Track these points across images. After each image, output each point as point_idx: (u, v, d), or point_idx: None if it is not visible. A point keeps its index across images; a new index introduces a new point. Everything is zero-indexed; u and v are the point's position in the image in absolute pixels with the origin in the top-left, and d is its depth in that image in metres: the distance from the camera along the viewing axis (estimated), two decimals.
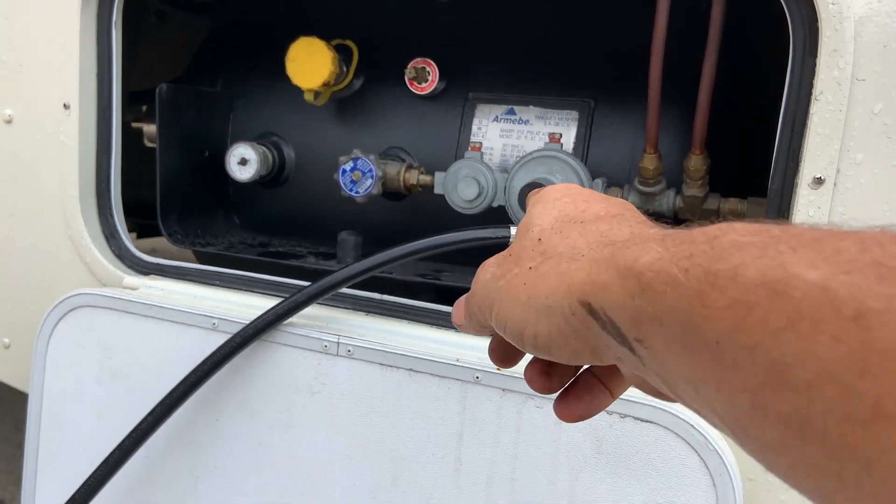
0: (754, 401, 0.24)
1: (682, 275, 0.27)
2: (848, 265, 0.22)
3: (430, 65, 1.06)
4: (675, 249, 0.28)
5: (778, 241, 0.25)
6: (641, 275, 0.29)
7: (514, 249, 0.39)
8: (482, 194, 0.97)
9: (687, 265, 0.27)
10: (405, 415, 0.79)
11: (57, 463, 0.96)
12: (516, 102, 1.06)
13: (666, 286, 0.27)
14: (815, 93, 0.69)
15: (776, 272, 0.24)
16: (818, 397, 0.22)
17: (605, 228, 0.35)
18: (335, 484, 0.83)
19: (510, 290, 0.37)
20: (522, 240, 0.39)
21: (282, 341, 0.84)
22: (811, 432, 0.22)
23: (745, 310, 0.24)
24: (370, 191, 1.02)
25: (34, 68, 1.02)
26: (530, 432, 0.74)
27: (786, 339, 0.23)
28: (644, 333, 0.29)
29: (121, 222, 1.04)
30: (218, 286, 0.96)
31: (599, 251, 0.33)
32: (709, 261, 0.26)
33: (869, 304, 0.21)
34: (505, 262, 0.39)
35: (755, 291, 0.24)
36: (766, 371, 0.23)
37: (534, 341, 0.35)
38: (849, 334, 0.21)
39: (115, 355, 0.92)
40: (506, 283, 0.37)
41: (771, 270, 0.24)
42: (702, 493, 0.68)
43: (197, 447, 0.89)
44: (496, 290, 0.38)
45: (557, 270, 0.34)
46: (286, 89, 1.11)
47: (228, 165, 1.12)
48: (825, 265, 0.23)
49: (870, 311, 0.21)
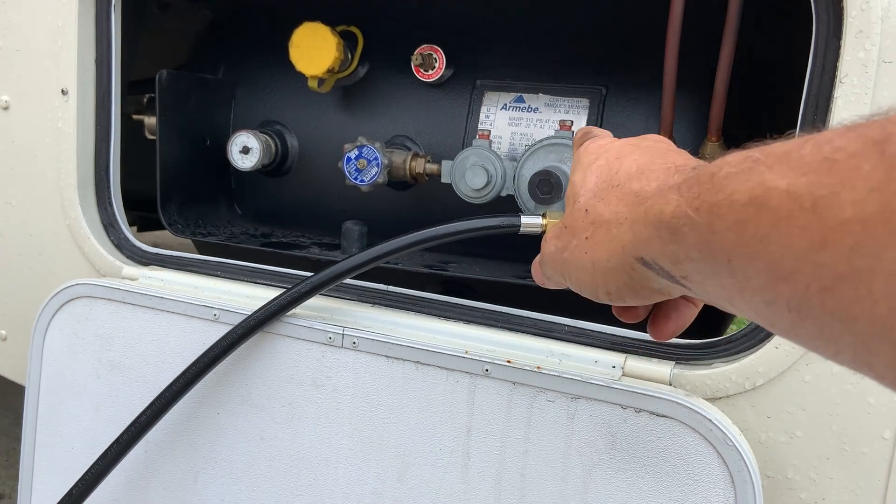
0: (766, 299, 0.29)
1: (695, 213, 0.33)
2: (807, 167, 0.27)
3: (437, 51, 1.03)
4: (688, 194, 0.34)
5: (758, 163, 0.30)
6: (669, 224, 0.35)
7: (567, 221, 0.46)
8: (491, 183, 0.95)
9: (697, 204, 0.33)
10: (412, 408, 0.77)
11: (54, 457, 0.94)
12: (525, 90, 1.04)
13: (686, 227, 0.34)
14: (840, 76, 0.66)
15: (758, 190, 0.29)
16: (800, 280, 0.27)
17: (636, 188, 0.40)
18: (339, 479, 0.80)
19: (575, 261, 0.44)
20: (572, 211, 0.45)
21: (285, 333, 0.82)
22: (806, 309, 0.27)
23: (741, 227, 0.29)
24: (376, 179, 1.00)
25: (31, 53, 1.00)
26: (541, 427, 0.72)
27: (772, 241, 0.28)
28: (684, 271, 0.35)
29: (120, 211, 1.02)
30: (219, 277, 0.94)
31: (637, 210, 0.39)
32: (711, 195, 0.32)
33: (819, 194, 0.26)
34: (563, 234, 0.46)
35: (745, 210, 0.29)
36: (765, 272, 0.29)
37: (608, 297, 0.43)
38: (810, 222, 0.26)
39: (113, 347, 0.90)
40: (569, 254, 0.45)
41: (755, 189, 0.29)
42: (720, 490, 0.66)
43: (197, 441, 0.87)
44: (563, 263, 0.46)
45: (609, 236, 0.41)
46: (290, 77, 1.08)
47: (230, 154, 1.09)
48: (792, 173, 0.28)
49: (821, 199, 0.26)
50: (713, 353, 0.73)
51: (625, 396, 0.69)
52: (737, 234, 0.30)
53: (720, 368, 0.71)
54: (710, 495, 0.66)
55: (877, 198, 0.24)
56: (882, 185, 0.24)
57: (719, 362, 0.72)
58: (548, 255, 0.48)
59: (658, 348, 0.74)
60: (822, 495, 0.69)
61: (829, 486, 0.69)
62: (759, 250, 0.28)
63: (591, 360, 0.74)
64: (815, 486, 0.69)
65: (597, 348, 0.75)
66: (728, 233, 0.30)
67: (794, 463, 0.70)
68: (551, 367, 0.72)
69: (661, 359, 0.73)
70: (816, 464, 0.69)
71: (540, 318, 0.79)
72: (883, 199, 0.23)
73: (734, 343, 0.72)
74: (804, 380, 0.68)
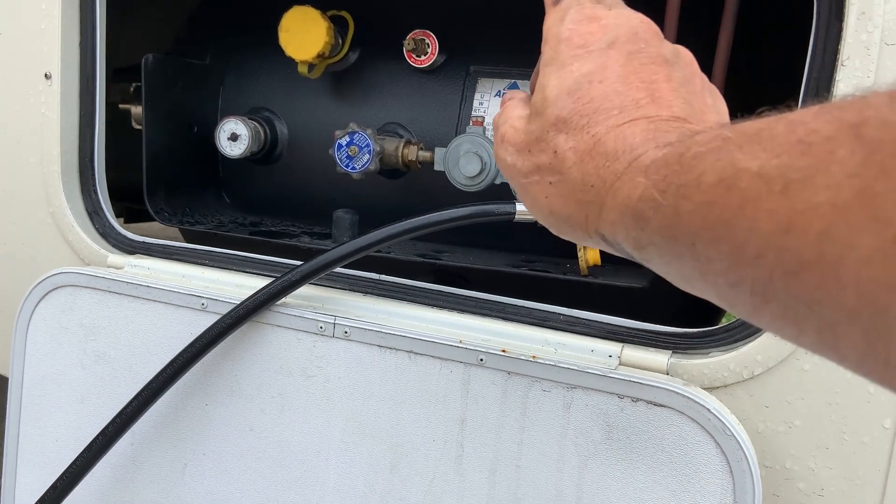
0: (729, 281, 0.29)
1: (661, 196, 0.32)
2: (780, 149, 0.26)
3: (429, 37, 1.02)
4: (656, 176, 0.33)
5: (729, 143, 0.29)
6: (634, 208, 0.34)
7: (531, 144, 0.42)
8: (485, 170, 0.93)
9: (663, 186, 0.32)
10: (405, 399, 0.75)
11: (38, 449, 0.92)
12: (520, 76, 1.02)
13: (651, 211, 0.32)
14: (842, 58, 0.65)
15: (728, 171, 0.28)
16: (765, 263, 0.26)
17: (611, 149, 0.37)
18: (330, 471, 0.79)
19: (533, 195, 0.42)
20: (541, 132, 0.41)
21: (275, 322, 0.80)
22: (769, 293, 0.26)
23: (707, 209, 0.28)
24: (367, 167, 0.98)
25: (13, 36, 0.97)
26: (536, 417, 0.71)
27: (737, 223, 0.27)
28: (646, 255, 0.35)
29: (105, 199, 0.99)
30: (207, 265, 0.92)
31: (604, 188, 0.37)
32: (678, 176, 0.31)
33: (791, 177, 0.25)
34: (523, 156, 0.43)
35: (713, 191, 0.28)
36: (729, 255, 0.28)
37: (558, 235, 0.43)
38: (779, 205, 0.25)
39: (98, 337, 0.88)
40: (528, 183, 0.42)
41: (724, 170, 0.28)
42: (718, 480, 0.65)
43: (185, 433, 0.85)
44: (519, 185, 0.43)
45: (575, 198, 0.39)
46: (279, 62, 1.06)
47: (218, 141, 1.07)
48: (763, 153, 0.26)
49: (792, 182, 0.25)
50: (711, 341, 0.72)
51: (621, 386, 0.67)
52: (702, 216, 0.29)
53: (718, 357, 0.70)
54: (708, 485, 0.65)
55: (855, 183, 0.23)
56: (860, 169, 0.23)
57: (717, 351, 0.71)
58: (503, 162, 0.44)
59: (655, 338, 0.73)
60: (821, 485, 0.68)
61: (828, 476, 0.68)
62: (724, 233, 0.28)
63: (588, 349, 0.73)
64: (814, 475, 0.68)
65: (593, 337, 0.74)
66: (693, 215, 0.29)
67: (793, 453, 0.69)
68: (547, 356, 0.71)
69: (659, 348, 0.72)
70: (815, 453, 0.68)
71: (535, 308, 0.78)
72: (861, 184, 0.23)
73: (732, 332, 0.71)
74: (803, 368, 0.67)
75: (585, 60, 0.40)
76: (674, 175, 0.31)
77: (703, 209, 0.29)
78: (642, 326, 0.73)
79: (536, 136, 0.42)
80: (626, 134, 0.37)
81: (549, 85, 0.41)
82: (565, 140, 0.40)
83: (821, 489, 0.68)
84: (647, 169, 0.34)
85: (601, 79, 0.40)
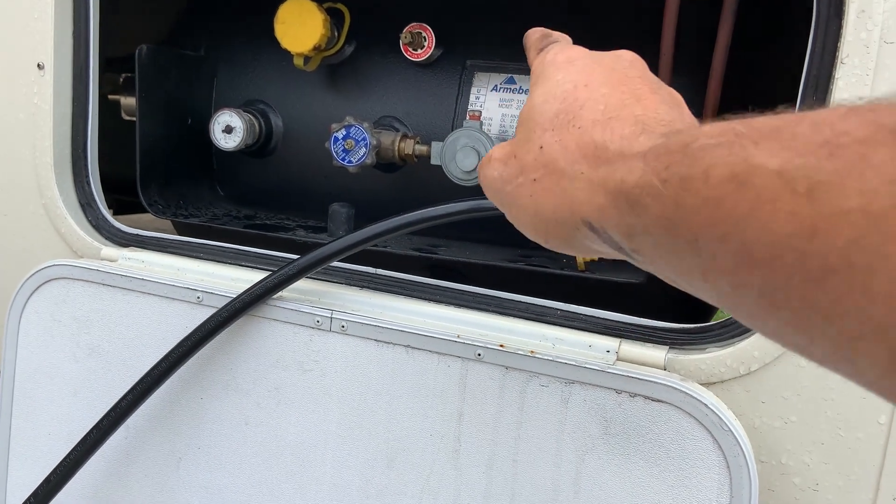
0: (733, 282, 0.27)
1: (662, 185, 0.30)
2: (803, 148, 0.25)
3: (426, 30, 1.01)
4: (656, 163, 0.31)
5: (742, 138, 0.27)
6: (629, 194, 0.32)
7: (517, 150, 0.42)
8: None
9: (665, 175, 0.30)
10: (402, 393, 0.75)
11: (31, 443, 0.91)
12: (517, 71, 1.02)
13: (649, 198, 0.31)
14: (841, 56, 0.65)
15: (741, 166, 0.26)
16: (780, 266, 0.25)
17: (599, 139, 0.37)
18: (326, 465, 0.79)
19: (517, 200, 0.41)
20: (526, 140, 0.41)
21: (271, 316, 0.80)
22: (781, 298, 0.25)
23: (715, 205, 0.27)
24: (364, 160, 0.98)
25: (5, 25, 0.96)
26: (534, 412, 0.71)
27: (750, 223, 0.26)
28: (637, 244, 0.33)
29: (98, 191, 0.98)
30: (202, 259, 0.91)
31: (595, 172, 0.36)
32: (683, 167, 0.29)
33: (818, 179, 0.24)
34: (509, 164, 0.42)
35: (723, 187, 0.27)
36: (737, 255, 0.27)
37: (549, 245, 0.41)
38: (802, 208, 0.24)
39: (92, 330, 0.87)
40: (512, 189, 0.41)
41: (737, 166, 0.26)
42: (715, 475, 0.65)
43: (180, 427, 0.84)
44: (503, 195, 0.42)
45: (560, 188, 0.38)
46: (274, 54, 1.05)
47: (212, 133, 1.06)
48: (784, 152, 0.25)
49: (819, 185, 0.23)
50: (708, 337, 0.72)
51: (619, 381, 0.68)
52: (709, 211, 0.27)
53: (715, 353, 0.71)
54: (705, 480, 0.65)
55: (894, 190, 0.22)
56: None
57: (714, 347, 0.71)
58: (489, 179, 0.44)
59: (653, 333, 0.73)
60: (817, 480, 0.68)
61: (823, 471, 0.68)
62: (734, 232, 0.26)
63: (585, 344, 0.73)
64: (810, 470, 0.69)
65: (591, 333, 0.74)
66: (699, 210, 0.28)
67: (789, 448, 0.69)
68: (545, 351, 0.71)
69: (656, 343, 0.72)
70: (811, 449, 0.68)
71: (533, 303, 0.77)
72: None
73: (729, 328, 0.71)
74: (799, 364, 0.68)
75: (571, 71, 0.42)
76: (677, 165, 0.30)
77: (710, 204, 0.27)
78: (640, 322, 0.74)
79: (522, 139, 0.42)
80: (613, 126, 0.37)
81: (535, 94, 0.42)
82: (551, 136, 0.40)
83: (816, 484, 0.69)
84: (646, 155, 0.32)
85: (587, 83, 0.41)
